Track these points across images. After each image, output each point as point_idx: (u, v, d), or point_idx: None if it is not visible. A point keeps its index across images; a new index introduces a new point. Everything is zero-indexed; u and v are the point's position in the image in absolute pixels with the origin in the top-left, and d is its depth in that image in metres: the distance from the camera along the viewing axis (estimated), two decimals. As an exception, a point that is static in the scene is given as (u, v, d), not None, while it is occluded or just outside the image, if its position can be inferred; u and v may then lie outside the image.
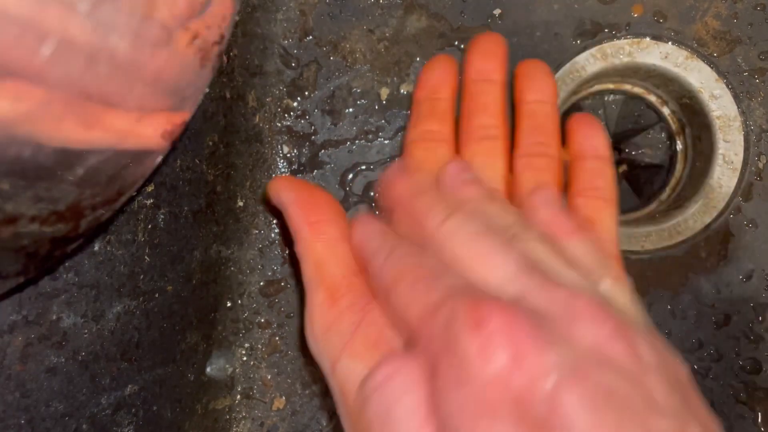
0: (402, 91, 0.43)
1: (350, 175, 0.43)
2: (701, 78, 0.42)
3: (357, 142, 0.43)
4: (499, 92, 0.35)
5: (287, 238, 0.43)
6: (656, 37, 0.42)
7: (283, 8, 0.43)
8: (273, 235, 0.43)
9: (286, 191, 0.33)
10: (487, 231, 0.28)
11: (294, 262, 0.43)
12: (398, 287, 0.27)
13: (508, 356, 0.22)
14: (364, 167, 0.43)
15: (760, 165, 0.42)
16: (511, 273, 0.26)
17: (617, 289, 0.28)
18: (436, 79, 0.36)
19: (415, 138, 0.35)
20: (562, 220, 0.30)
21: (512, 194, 0.33)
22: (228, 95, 0.40)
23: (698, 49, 0.42)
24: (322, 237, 0.31)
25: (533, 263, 0.26)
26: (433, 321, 0.24)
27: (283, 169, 0.43)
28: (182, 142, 0.37)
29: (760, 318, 0.42)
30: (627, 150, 0.48)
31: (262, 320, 0.43)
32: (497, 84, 0.35)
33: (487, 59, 0.36)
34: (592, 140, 0.35)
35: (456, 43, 0.42)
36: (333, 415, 0.43)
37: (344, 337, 0.28)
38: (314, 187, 0.33)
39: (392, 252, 0.28)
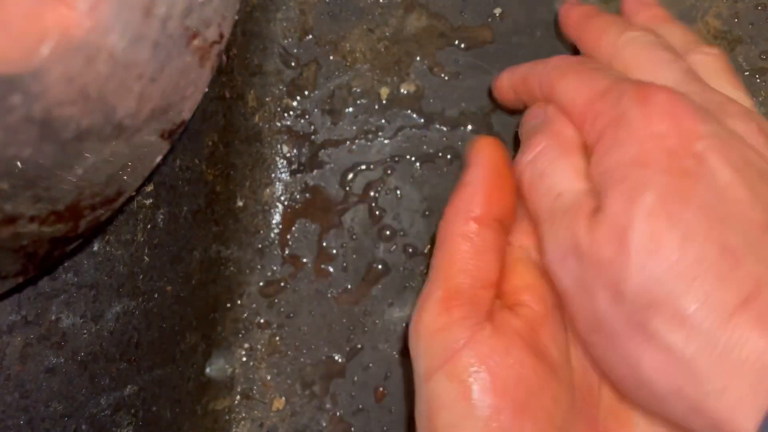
0: (402, 90, 0.43)
1: (350, 175, 0.43)
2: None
3: (357, 141, 0.43)
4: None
5: (287, 239, 0.43)
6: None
7: (283, 8, 0.43)
8: (273, 235, 0.43)
9: (480, 164, 0.30)
10: (658, 44, 0.30)
11: (294, 262, 0.43)
12: (566, 77, 0.29)
13: (667, 121, 0.25)
14: (364, 167, 0.43)
15: (761, 165, 0.42)
16: (678, 79, 0.28)
17: None
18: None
19: None
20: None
21: None
22: (227, 95, 0.40)
23: (699, 48, 0.42)
24: (473, 237, 0.28)
25: (697, 75, 0.29)
26: (602, 101, 0.27)
27: (283, 169, 0.43)
28: (181, 141, 0.37)
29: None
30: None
31: (262, 320, 0.43)
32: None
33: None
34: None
35: (456, 42, 0.42)
36: (332, 416, 0.43)
37: (447, 352, 0.27)
38: (509, 174, 0.30)
39: (555, 58, 0.31)
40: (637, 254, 0.24)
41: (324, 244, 0.43)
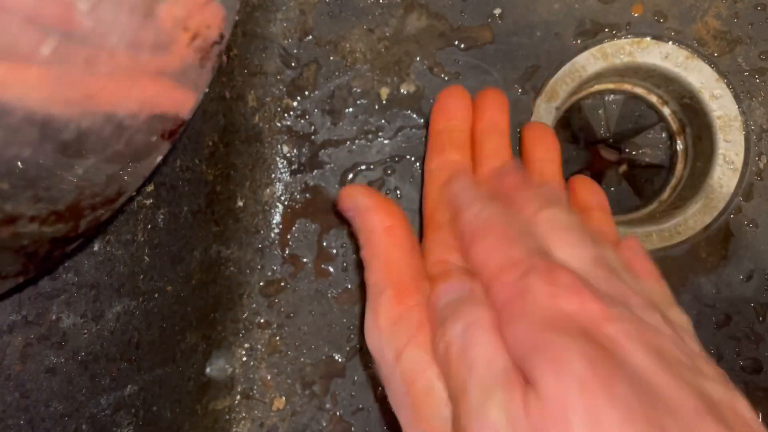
0: (402, 90, 0.43)
1: (350, 175, 0.43)
2: (702, 78, 0.42)
3: (357, 141, 0.43)
4: (507, 140, 0.39)
5: (287, 239, 0.43)
6: (656, 37, 0.42)
7: (283, 8, 0.43)
8: (273, 235, 0.43)
9: (363, 197, 0.34)
10: (576, 226, 0.31)
11: (294, 262, 0.43)
12: (487, 237, 0.30)
13: (575, 301, 0.25)
14: (364, 167, 0.43)
15: (761, 165, 0.42)
16: (589, 264, 0.29)
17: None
18: (452, 109, 0.39)
19: (437, 167, 0.38)
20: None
21: None
22: (228, 95, 0.40)
23: (698, 48, 0.42)
24: (396, 241, 0.33)
25: (606, 263, 0.30)
26: (511, 271, 0.27)
27: (283, 169, 0.43)
28: (182, 141, 0.37)
29: (761, 318, 0.42)
30: (627, 150, 0.48)
31: (262, 320, 0.43)
32: (504, 133, 0.39)
33: (496, 110, 0.39)
34: (596, 196, 0.39)
35: (456, 42, 0.42)
36: (332, 416, 0.43)
37: (411, 330, 0.30)
38: (385, 197, 0.35)
39: (485, 207, 0.32)
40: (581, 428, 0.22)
41: (324, 244, 0.43)
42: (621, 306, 0.26)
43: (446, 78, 0.42)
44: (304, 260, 0.43)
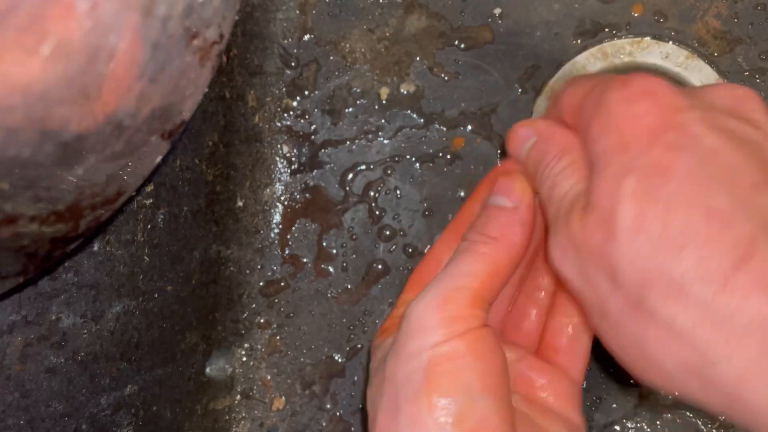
0: (402, 90, 0.43)
1: (350, 175, 0.43)
2: (702, 78, 0.42)
3: (357, 141, 0.43)
4: None
5: (287, 239, 0.43)
6: (657, 37, 0.42)
7: (283, 8, 0.43)
8: (273, 235, 0.43)
9: (525, 194, 0.32)
10: None
11: (294, 262, 0.43)
12: (570, 87, 0.31)
13: (647, 99, 0.26)
14: (363, 167, 0.43)
15: (761, 165, 0.42)
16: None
17: None
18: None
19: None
20: None
21: None
22: (228, 95, 0.40)
23: (699, 48, 0.42)
24: (497, 279, 0.31)
25: None
26: (590, 94, 0.28)
27: (283, 169, 0.43)
28: (182, 141, 0.37)
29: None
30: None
31: (262, 320, 0.43)
32: None
33: None
34: None
35: (456, 42, 0.42)
36: (332, 416, 0.43)
37: (438, 337, 0.29)
38: (534, 215, 0.32)
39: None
40: (623, 235, 0.24)
41: (324, 244, 0.43)
42: (694, 96, 0.27)
43: (446, 78, 0.42)
44: (304, 260, 0.43)
